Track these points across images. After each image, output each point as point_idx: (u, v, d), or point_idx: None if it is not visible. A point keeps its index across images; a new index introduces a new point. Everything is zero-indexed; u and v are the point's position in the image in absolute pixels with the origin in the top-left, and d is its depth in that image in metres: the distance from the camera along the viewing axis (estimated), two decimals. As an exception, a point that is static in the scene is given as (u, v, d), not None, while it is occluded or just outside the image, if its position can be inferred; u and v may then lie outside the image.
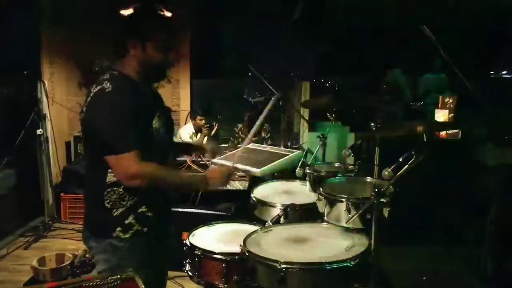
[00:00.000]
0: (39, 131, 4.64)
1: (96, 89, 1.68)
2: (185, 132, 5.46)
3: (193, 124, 5.50)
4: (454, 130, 4.25)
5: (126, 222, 1.73)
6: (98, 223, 1.78)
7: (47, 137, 4.74)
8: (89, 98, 1.69)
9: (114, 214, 1.72)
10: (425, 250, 3.36)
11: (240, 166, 2.51)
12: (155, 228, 1.79)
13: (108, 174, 1.70)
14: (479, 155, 4.60)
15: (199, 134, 5.38)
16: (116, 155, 1.63)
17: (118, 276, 1.20)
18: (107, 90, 1.65)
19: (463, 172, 4.19)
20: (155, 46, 1.73)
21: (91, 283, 1.17)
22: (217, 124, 5.41)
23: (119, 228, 1.72)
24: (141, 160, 1.64)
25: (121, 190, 1.71)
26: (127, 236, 1.73)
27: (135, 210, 1.74)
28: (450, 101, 4.33)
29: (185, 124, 5.77)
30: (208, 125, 5.31)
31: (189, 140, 5.39)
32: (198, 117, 5.43)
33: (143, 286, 1.20)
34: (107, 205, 1.72)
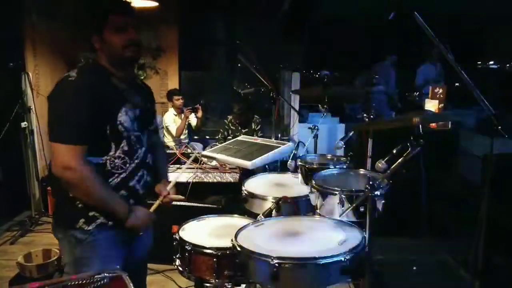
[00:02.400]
0: (23, 124, 4.54)
1: (64, 75, 1.67)
2: (168, 118, 5.40)
3: (172, 107, 5.44)
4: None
5: (90, 214, 1.69)
6: (63, 214, 1.76)
7: (32, 130, 4.64)
8: (57, 82, 1.68)
9: (79, 206, 1.69)
10: (415, 241, 3.37)
11: (230, 159, 2.48)
12: (120, 222, 1.72)
13: None
14: (468, 146, 4.62)
15: (182, 116, 5.32)
16: (58, 143, 1.60)
17: (105, 274, 1.16)
18: (69, 79, 1.64)
19: (453, 163, 4.21)
20: (110, 31, 1.69)
21: (76, 282, 1.13)
22: (201, 106, 5.35)
23: (82, 220, 1.69)
24: (84, 158, 1.62)
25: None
26: (90, 228, 1.69)
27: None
28: (440, 91, 4.33)
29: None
30: (190, 108, 5.25)
31: (173, 125, 5.34)
32: (175, 97, 5.37)
33: (131, 284, 1.16)
34: (71, 196, 1.68)
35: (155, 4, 4.39)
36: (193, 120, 5.49)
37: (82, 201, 1.69)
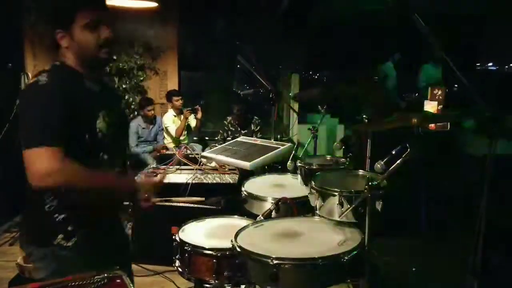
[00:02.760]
0: (23, 125, 4.54)
1: (31, 81, 1.50)
2: (167, 118, 5.40)
3: (172, 107, 5.45)
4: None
5: (69, 228, 1.56)
6: (38, 229, 1.61)
7: (32, 131, 4.64)
8: (24, 88, 1.55)
9: (56, 220, 1.55)
10: (414, 242, 3.38)
11: (229, 160, 2.48)
12: (101, 235, 1.63)
13: None
14: (467, 146, 4.63)
15: (181, 117, 5.32)
16: (35, 148, 1.41)
17: (105, 275, 1.16)
18: (40, 83, 1.47)
19: (452, 163, 4.22)
20: (80, 28, 1.51)
21: (76, 283, 1.13)
22: (200, 107, 5.35)
23: (61, 235, 1.56)
24: (63, 157, 1.44)
25: (63, 196, 1.54)
26: (69, 244, 1.56)
27: (79, 215, 1.57)
28: (439, 92, 4.34)
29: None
30: (190, 108, 5.26)
31: (173, 126, 5.34)
32: (174, 98, 5.38)
33: (131, 284, 1.17)
34: (47, 209, 1.55)
35: (155, 4, 4.40)
36: (192, 121, 5.49)
37: (60, 215, 1.55)
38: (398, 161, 1.49)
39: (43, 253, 1.58)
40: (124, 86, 5.70)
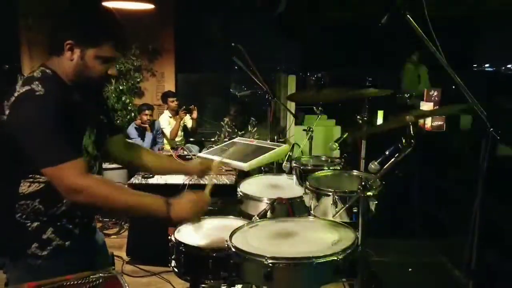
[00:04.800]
0: (20, 126, 4.54)
1: (24, 89, 1.42)
2: (163, 120, 5.41)
3: (167, 109, 5.45)
4: (439, 123, 4.30)
5: (44, 236, 1.49)
6: (10, 239, 1.53)
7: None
8: (14, 98, 1.42)
9: (29, 229, 1.48)
10: (410, 242, 3.39)
11: (226, 160, 2.49)
12: (78, 241, 1.57)
13: (22, 185, 1.47)
14: (462, 147, 4.66)
15: (177, 118, 5.33)
16: (55, 166, 1.37)
17: (101, 274, 1.17)
18: (37, 93, 1.39)
19: (447, 164, 4.24)
20: (97, 55, 1.47)
21: (72, 282, 1.14)
22: (195, 107, 5.36)
23: (35, 244, 1.49)
24: (86, 171, 1.42)
25: (37, 203, 1.48)
26: (45, 253, 1.49)
27: (54, 222, 1.51)
28: (435, 94, 4.37)
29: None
30: (184, 108, 5.27)
31: (168, 127, 5.34)
32: (169, 99, 5.39)
33: (126, 284, 1.17)
34: (19, 218, 1.48)
35: (152, 6, 4.41)
36: (188, 121, 5.50)
37: (33, 223, 1.48)
38: (392, 161, 1.50)
39: (16, 264, 1.52)
40: (121, 87, 5.71)
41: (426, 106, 4.51)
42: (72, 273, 1.39)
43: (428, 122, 4.33)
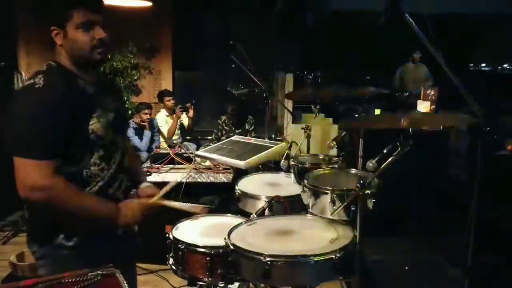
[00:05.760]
0: (16, 123, 4.53)
1: (27, 83, 1.50)
2: (160, 118, 5.40)
3: (164, 108, 5.45)
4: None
5: (70, 228, 1.56)
6: (40, 228, 1.61)
7: (24, 130, 4.62)
8: (18, 90, 1.57)
9: (57, 218, 1.55)
10: (405, 241, 3.40)
11: (224, 159, 2.49)
12: (103, 235, 1.62)
13: None
14: (458, 146, 4.67)
15: (174, 116, 5.33)
16: (24, 158, 1.42)
17: (99, 272, 1.17)
18: (36, 86, 1.46)
19: (443, 163, 4.26)
20: (75, 26, 1.50)
21: (70, 280, 1.14)
22: (192, 106, 5.35)
23: (62, 235, 1.56)
24: (56, 174, 1.45)
25: None
26: (70, 243, 1.56)
27: None
28: (432, 93, 4.37)
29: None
30: (181, 107, 5.26)
31: (165, 126, 5.34)
32: (166, 98, 5.38)
33: (124, 282, 1.17)
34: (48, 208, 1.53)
35: (149, 4, 4.40)
36: (185, 120, 5.49)
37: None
38: (389, 160, 1.51)
39: (45, 252, 1.59)
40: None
41: (423, 105, 4.52)
42: (97, 265, 1.46)
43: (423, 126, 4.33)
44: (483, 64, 10.62)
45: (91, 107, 1.57)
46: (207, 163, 3.50)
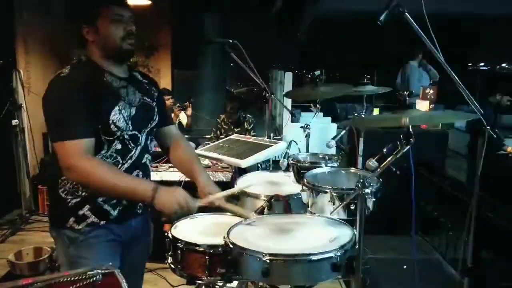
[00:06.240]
0: (14, 122, 4.52)
1: (57, 72, 1.64)
2: None
3: None
4: (435, 121, 4.30)
5: (80, 213, 1.65)
6: (55, 213, 1.74)
7: (23, 128, 4.61)
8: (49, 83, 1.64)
9: (69, 204, 1.65)
10: (405, 239, 3.40)
11: (222, 157, 2.49)
12: (114, 222, 1.71)
13: None
14: (458, 145, 4.67)
15: (172, 115, 5.32)
16: (57, 142, 1.54)
17: (98, 270, 1.16)
18: (61, 75, 1.61)
19: (443, 162, 4.26)
20: (105, 21, 1.63)
21: (68, 279, 1.13)
22: (191, 104, 5.34)
23: (72, 219, 1.65)
24: (87, 153, 1.53)
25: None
26: (80, 227, 1.65)
27: (91, 201, 1.66)
28: (431, 92, 4.38)
29: None
30: (180, 105, 5.25)
31: None
32: (165, 97, 5.37)
33: (123, 280, 1.17)
34: (61, 194, 1.66)
35: (148, 2, 4.39)
36: (183, 118, 5.48)
37: (72, 200, 1.64)
38: (390, 159, 1.50)
39: (61, 237, 1.68)
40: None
41: (421, 104, 4.53)
42: (107, 248, 1.64)
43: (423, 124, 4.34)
44: (482, 64, 10.63)
45: (113, 99, 1.65)
46: (206, 161, 3.49)
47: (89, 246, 1.66)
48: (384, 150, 1.62)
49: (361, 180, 1.52)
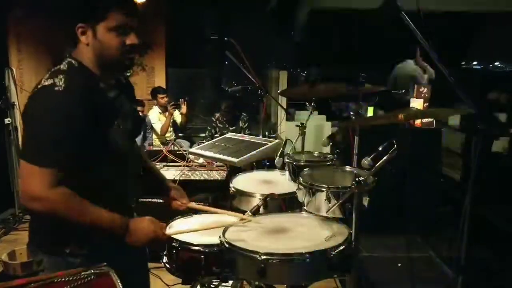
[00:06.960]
0: (7, 120, 4.48)
1: (47, 83, 1.38)
2: (153, 115, 5.37)
3: (157, 105, 5.42)
4: (429, 119, 4.32)
5: (82, 234, 1.47)
6: (48, 237, 1.50)
7: (16, 127, 4.58)
8: (36, 90, 1.40)
9: (67, 226, 1.42)
10: (399, 238, 3.42)
11: (217, 156, 2.48)
12: (115, 238, 1.50)
13: None
14: (452, 144, 4.69)
15: (167, 114, 5.31)
16: (30, 164, 1.33)
17: (92, 271, 1.15)
18: (56, 89, 1.35)
19: (438, 160, 4.28)
20: (108, 27, 1.41)
21: (63, 279, 1.12)
22: (185, 102, 5.33)
23: (73, 243, 1.48)
24: (59, 184, 1.34)
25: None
26: (83, 252, 1.48)
27: None
28: (425, 90, 4.38)
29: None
30: (174, 104, 5.24)
31: (158, 123, 5.31)
32: (159, 96, 5.35)
33: (118, 281, 1.16)
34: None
35: (142, 0, 4.36)
36: (178, 117, 5.46)
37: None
38: (385, 157, 1.50)
39: (55, 262, 1.48)
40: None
41: (416, 102, 4.54)
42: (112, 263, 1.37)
43: (418, 119, 4.35)
44: (475, 62, 10.68)
45: (113, 113, 1.50)
46: (201, 160, 3.48)
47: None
48: (380, 148, 1.62)
49: (356, 179, 1.51)
